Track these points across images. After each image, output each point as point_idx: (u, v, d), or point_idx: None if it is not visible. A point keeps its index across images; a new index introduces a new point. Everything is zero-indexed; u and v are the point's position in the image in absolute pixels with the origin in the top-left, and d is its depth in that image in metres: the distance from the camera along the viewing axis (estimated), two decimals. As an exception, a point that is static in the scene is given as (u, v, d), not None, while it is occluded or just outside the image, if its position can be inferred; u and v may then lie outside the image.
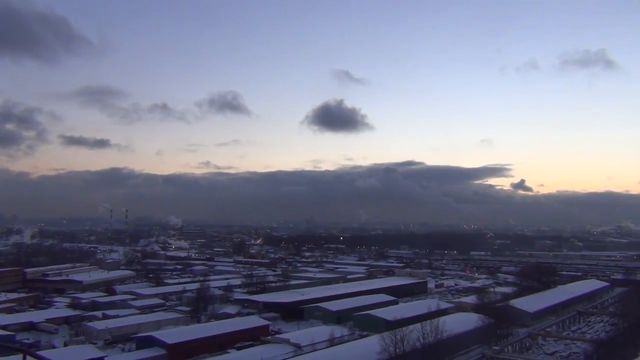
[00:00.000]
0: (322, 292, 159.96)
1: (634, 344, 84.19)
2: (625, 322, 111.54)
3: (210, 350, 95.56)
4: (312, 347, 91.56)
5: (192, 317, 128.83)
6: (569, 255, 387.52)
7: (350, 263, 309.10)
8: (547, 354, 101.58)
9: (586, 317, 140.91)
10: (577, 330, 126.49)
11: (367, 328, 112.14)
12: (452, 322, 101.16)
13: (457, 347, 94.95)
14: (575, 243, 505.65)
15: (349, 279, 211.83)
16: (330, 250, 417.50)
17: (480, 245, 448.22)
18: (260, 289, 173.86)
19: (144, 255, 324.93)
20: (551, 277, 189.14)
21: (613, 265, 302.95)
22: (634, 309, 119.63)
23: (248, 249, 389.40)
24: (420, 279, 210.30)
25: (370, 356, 78.66)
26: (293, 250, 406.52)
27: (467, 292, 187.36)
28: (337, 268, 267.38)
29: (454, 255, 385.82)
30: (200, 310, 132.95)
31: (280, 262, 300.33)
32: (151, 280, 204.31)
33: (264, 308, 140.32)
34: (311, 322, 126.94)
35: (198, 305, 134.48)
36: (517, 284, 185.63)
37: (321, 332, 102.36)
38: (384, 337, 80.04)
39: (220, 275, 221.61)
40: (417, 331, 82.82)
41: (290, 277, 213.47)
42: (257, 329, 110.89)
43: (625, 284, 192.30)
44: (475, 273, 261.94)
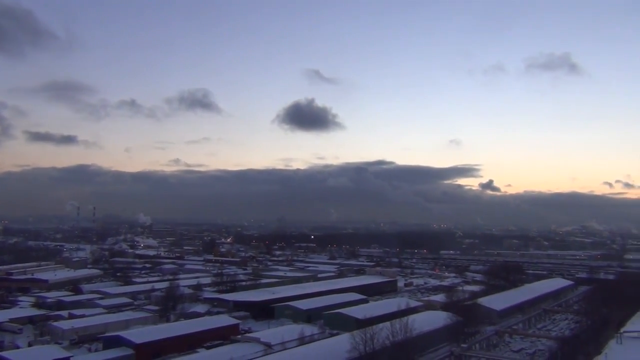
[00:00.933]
0: (292, 290, 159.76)
1: (597, 341, 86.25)
2: (589, 319, 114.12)
3: (179, 349, 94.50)
4: (282, 346, 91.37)
5: (161, 317, 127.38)
6: (535, 254, 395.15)
7: (321, 262, 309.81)
8: (514, 351, 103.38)
9: (551, 314, 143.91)
10: (542, 328, 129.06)
11: (337, 327, 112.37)
12: (421, 320, 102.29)
13: (426, 345, 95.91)
14: (542, 242, 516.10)
15: (319, 278, 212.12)
16: (301, 249, 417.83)
17: (450, 245, 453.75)
18: (230, 288, 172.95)
19: (111, 253, 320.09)
20: (518, 276, 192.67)
21: (578, 264, 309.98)
22: (597, 307, 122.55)
23: (218, 248, 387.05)
24: (390, 277, 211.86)
25: (340, 354, 78.82)
26: (264, 248, 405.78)
27: (436, 290, 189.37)
28: (308, 267, 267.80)
29: (423, 254, 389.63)
30: (169, 309, 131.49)
31: (251, 261, 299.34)
32: (119, 279, 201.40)
33: (234, 307, 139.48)
34: (281, 321, 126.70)
35: (167, 304, 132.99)
36: (485, 282, 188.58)
37: (291, 331, 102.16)
38: (354, 335, 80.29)
39: (190, 274, 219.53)
40: (386, 329, 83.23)
41: (260, 275, 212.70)
42: (227, 328, 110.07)
43: (589, 283, 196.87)
44: (445, 272, 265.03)
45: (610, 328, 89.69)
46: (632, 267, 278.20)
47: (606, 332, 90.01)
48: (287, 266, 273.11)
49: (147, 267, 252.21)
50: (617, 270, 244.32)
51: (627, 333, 73.91)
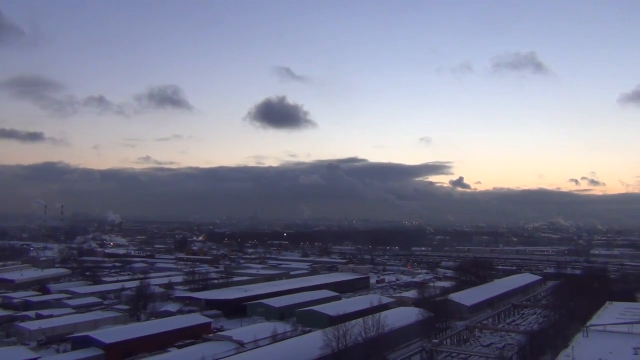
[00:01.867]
0: (265, 288, 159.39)
1: (564, 335, 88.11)
2: (557, 314, 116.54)
3: (150, 349, 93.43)
4: (255, 344, 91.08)
5: (131, 316, 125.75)
6: (505, 250, 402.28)
7: (294, 259, 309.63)
8: (484, 345, 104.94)
9: (520, 309, 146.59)
10: (511, 322, 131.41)
11: (310, 324, 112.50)
12: (393, 316, 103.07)
13: (398, 340, 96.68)
14: (511, 238, 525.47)
15: (292, 275, 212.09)
16: (274, 247, 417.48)
17: (421, 241, 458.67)
18: (202, 286, 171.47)
19: (80, 252, 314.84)
20: (488, 272, 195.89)
21: (545, 259, 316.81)
22: (564, 302, 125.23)
23: (190, 246, 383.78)
24: (362, 274, 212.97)
25: (313, 351, 78.96)
26: (236, 246, 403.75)
27: (407, 286, 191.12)
28: (281, 264, 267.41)
29: (395, 250, 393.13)
30: (139, 308, 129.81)
31: (223, 259, 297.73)
32: (88, 279, 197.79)
33: (206, 305, 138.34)
34: (254, 319, 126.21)
35: (137, 304, 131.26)
36: (455, 278, 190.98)
37: (264, 329, 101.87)
38: (326, 332, 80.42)
39: (161, 272, 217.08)
40: (359, 326, 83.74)
41: (233, 273, 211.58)
42: (199, 326, 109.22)
43: (557, 278, 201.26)
44: (417, 268, 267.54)
45: (577, 322, 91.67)
46: (597, 262, 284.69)
47: (573, 325, 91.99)
48: (259, 264, 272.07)
49: (117, 266, 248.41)
50: (584, 265, 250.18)
51: (593, 326, 75.73)
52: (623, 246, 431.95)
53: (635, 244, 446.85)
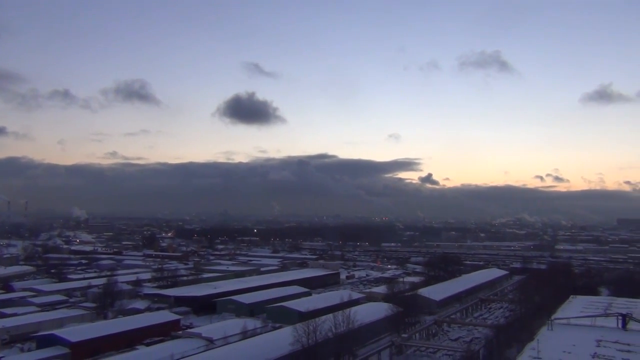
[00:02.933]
0: (235, 285, 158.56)
1: (529, 328, 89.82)
2: (522, 307, 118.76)
3: (118, 347, 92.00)
4: (225, 341, 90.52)
5: (98, 314, 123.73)
6: (473, 245, 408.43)
7: (264, 255, 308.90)
8: (452, 339, 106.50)
9: (487, 303, 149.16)
10: (479, 317, 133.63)
11: (280, 320, 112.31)
12: (363, 311, 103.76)
13: (367, 335, 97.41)
14: (479, 234, 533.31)
15: (262, 272, 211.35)
16: (244, 243, 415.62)
17: (391, 237, 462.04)
18: (171, 283, 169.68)
19: (45, 249, 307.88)
20: (456, 267, 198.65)
21: (512, 254, 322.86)
22: (530, 296, 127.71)
23: (159, 243, 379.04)
24: (333, 270, 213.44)
25: (283, 347, 78.86)
26: (206, 243, 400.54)
27: (377, 282, 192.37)
28: (251, 260, 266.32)
29: (365, 246, 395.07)
30: (106, 306, 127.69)
31: (193, 256, 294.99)
32: (53, 276, 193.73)
33: (175, 302, 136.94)
34: (224, 316, 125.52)
35: (104, 301, 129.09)
36: (424, 273, 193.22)
37: (234, 325, 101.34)
38: (296, 328, 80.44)
39: (129, 269, 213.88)
40: (329, 321, 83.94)
41: (202, 270, 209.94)
42: (168, 323, 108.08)
43: (523, 272, 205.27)
44: (386, 264, 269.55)
45: (542, 315, 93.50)
46: (562, 257, 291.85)
47: (538, 319, 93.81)
48: (229, 260, 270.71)
49: (83, 263, 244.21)
50: (549, 260, 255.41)
51: (557, 320, 77.26)
52: (586, 241, 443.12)
53: (598, 239, 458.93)
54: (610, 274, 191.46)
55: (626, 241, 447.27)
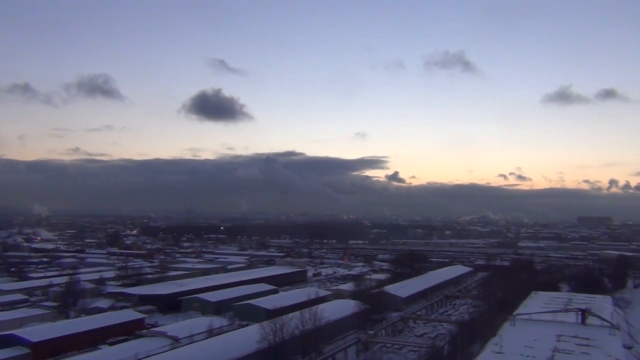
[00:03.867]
0: (201, 282, 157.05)
1: (493, 324, 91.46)
2: (486, 303, 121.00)
3: (80, 347, 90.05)
4: (190, 339, 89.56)
5: (60, 313, 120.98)
6: (438, 243, 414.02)
7: (231, 253, 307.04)
8: (417, 335, 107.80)
9: (452, 300, 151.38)
10: (444, 313, 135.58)
11: (247, 318, 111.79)
12: (329, 309, 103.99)
13: (334, 332, 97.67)
14: (444, 232, 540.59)
15: (229, 269, 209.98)
16: (211, 241, 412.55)
17: (358, 235, 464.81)
18: (135, 281, 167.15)
19: (4, 247, 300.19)
20: (422, 264, 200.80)
21: (476, 251, 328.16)
22: (493, 292, 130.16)
23: (123, 240, 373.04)
24: (300, 267, 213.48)
25: (250, 345, 78.52)
26: (171, 240, 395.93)
27: (344, 279, 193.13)
28: (218, 258, 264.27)
29: (333, 244, 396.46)
30: (69, 305, 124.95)
31: (158, 253, 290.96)
32: (13, 275, 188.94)
33: (139, 301, 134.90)
34: (190, 314, 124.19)
35: (66, 300, 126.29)
36: (391, 270, 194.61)
37: (200, 324, 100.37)
38: (263, 326, 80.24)
39: (92, 267, 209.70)
40: (296, 319, 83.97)
41: (168, 268, 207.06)
42: (132, 322, 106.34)
43: (487, 269, 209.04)
44: (353, 261, 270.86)
45: (505, 311, 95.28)
46: (524, 253, 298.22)
47: (501, 315, 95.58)
48: (195, 258, 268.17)
49: (45, 262, 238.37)
50: (512, 257, 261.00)
51: (520, 315, 78.87)
52: (548, 238, 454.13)
53: (559, 237, 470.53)
54: (571, 271, 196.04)
55: (586, 238, 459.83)
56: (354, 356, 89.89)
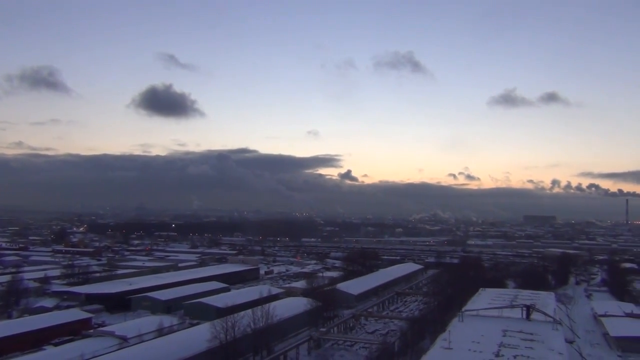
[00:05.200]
0: (151, 281, 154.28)
1: (442, 320, 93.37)
2: (436, 300, 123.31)
3: (22, 348, 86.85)
4: (139, 339, 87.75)
5: (2, 313, 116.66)
6: (390, 240, 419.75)
7: (182, 251, 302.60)
8: (369, 332, 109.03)
9: (403, 297, 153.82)
10: (395, 310, 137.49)
11: (198, 316, 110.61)
12: (282, 306, 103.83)
13: (286, 330, 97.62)
14: (396, 230, 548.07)
15: (180, 267, 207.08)
16: (161, 238, 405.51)
17: (311, 232, 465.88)
18: (82, 280, 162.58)
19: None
20: (374, 262, 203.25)
21: (427, 249, 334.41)
22: (443, 289, 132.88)
23: (69, 238, 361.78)
24: (252, 265, 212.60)
25: (201, 344, 77.61)
26: (120, 238, 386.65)
27: (297, 277, 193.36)
28: (168, 256, 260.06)
29: (285, 241, 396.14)
30: (11, 305, 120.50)
31: (106, 251, 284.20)
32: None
33: (86, 300, 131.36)
34: (139, 313, 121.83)
35: (8, 300, 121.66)
36: (343, 268, 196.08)
37: (149, 323, 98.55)
38: (214, 324, 79.41)
39: (36, 266, 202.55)
40: (248, 317, 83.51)
41: (116, 266, 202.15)
42: (78, 322, 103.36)
43: (437, 266, 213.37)
44: (307, 259, 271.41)
45: (454, 308, 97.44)
46: (473, 251, 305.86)
47: (450, 311, 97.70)
48: (145, 256, 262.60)
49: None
50: (461, 255, 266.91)
51: (468, 311, 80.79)
52: (495, 237, 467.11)
53: (506, 235, 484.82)
54: (517, 268, 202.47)
55: (531, 236, 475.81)
56: (306, 354, 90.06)
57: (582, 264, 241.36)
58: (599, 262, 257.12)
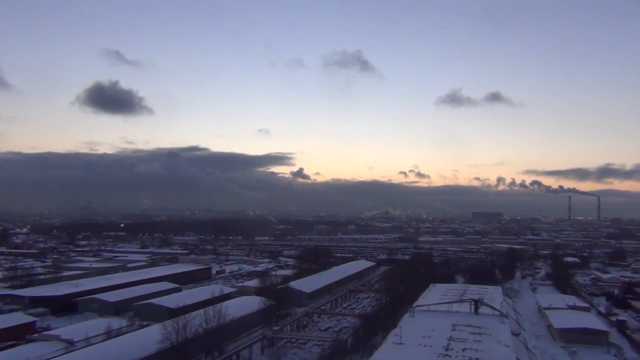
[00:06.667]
0: (99, 282, 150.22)
1: (394, 316, 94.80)
2: (388, 296, 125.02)
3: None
4: (87, 342, 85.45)
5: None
6: (343, 238, 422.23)
7: (132, 251, 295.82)
8: (322, 330, 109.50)
9: (356, 294, 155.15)
10: (347, 307, 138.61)
11: (148, 318, 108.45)
12: (234, 306, 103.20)
13: (239, 330, 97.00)
14: (349, 227, 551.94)
15: (129, 268, 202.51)
16: (110, 238, 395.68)
17: (264, 231, 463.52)
18: (26, 283, 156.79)
19: None
20: (327, 259, 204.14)
21: (379, 246, 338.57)
22: (394, 285, 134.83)
23: (11, 239, 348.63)
24: (204, 265, 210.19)
25: (151, 346, 76.16)
26: (67, 239, 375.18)
27: (250, 276, 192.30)
28: (117, 257, 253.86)
29: (238, 240, 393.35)
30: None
31: (51, 252, 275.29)
32: None
33: (30, 303, 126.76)
34: (86, 316, 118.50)
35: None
36: (296, 266, 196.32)
37: (97, 326, 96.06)
38: (165, 325, 78.12)
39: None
40: (200, 317, 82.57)
41: (62, 268, 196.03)
42: (21, 326, 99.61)
43: (389, 263, 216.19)
44: (260, 258, 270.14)
45: (406, 303, 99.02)
46: (424, 248, 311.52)
47: (402, 307, 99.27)
48: (93, 257, 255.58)
49: None
50: (412, 252, 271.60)
51: (419, 307, 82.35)
52: (445, 233, 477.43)
53: (456, 231, 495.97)
54: (466, 263, 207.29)
55: (480, 232, 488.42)
56: (259, 352, 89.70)
57: (527, 259, 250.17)
58: (543, 257, 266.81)
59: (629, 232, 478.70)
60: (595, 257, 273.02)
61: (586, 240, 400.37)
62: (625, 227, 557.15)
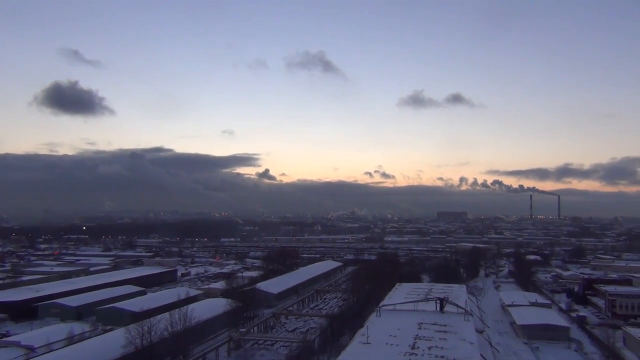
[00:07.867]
0: (60, 287, 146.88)
1: (361, 316, 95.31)
2: (355, 296, 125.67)
3: None
4: (48, 348, 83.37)
5: None
6: (310, 239, 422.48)
7: (94, 254, 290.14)
8: (289, 331, 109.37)
9: (323, 294, 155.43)
10: (315, 307, 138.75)
11: (111, 322, 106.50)
12: (200, 308, 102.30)
13: (206, 332, 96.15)
14: (315, 228, 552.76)
15: (92, 272, 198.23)
16: (71, 242, 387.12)
17: (230, 232, 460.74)
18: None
19: None
20: (294, 260, 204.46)
21: (346, 247, 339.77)
22: (361, 285, 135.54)
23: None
24: (169, 267, 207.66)
25: (114, 350, 74.84)
26: (26, 242, 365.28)
27: (216, 278, 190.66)
28: (79, 260, 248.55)
29: (204, 242, 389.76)
30: None
31: (10, 256, 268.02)
32: None
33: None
34: (47, 321, 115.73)
35: None
36: (263, 267, 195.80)
37: (58, 331, 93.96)
38: (129, 329, 76.93)
39: None
40: (165, 320, 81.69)
41: (21, 272, 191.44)
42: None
43: (355, 263, 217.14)
44: (226, 259, 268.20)
45: (372, 303, 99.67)
46: (390, 247, 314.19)
47: (369, 307, 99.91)
48: (54, 261, 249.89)
49: None
50: (378, 251, 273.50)
51: (385, 306, 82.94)
52: (411, 233, 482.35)
53: (421, 231, 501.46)
54: (431, 262, 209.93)
55: (444, 232, 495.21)
56: (226, 355, 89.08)
57: (491, 257, 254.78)
58: (506, 255, 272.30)
59: (588, 230, 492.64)
60: (556, 255, 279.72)
61: (547, 238, 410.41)
62: (585, 225, 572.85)
